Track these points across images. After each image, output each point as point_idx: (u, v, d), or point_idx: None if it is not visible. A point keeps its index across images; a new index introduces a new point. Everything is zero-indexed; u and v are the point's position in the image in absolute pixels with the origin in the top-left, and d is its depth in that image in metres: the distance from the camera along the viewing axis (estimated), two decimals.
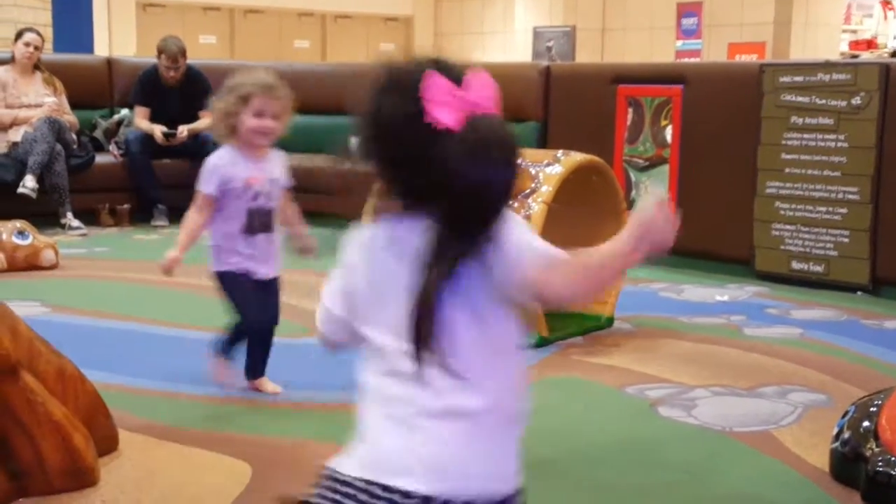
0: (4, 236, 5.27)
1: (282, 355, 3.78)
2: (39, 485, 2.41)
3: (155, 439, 2.80)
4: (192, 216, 3.23)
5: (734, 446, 2.87)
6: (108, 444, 2.67)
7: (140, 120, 7.14)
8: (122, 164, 7.05)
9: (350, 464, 1.40)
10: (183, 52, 7.23)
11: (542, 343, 3.90)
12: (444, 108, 1.35)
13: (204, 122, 7.22)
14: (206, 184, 3.18)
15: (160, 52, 7.22)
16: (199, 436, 2.84)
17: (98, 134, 7.24)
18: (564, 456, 2.79)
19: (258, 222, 3.22)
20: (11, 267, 5.20)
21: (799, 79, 5.12)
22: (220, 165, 3.15)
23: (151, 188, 7.03)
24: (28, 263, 5.26)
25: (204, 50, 12.60)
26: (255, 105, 3.09)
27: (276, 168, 3.31)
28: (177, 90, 7.23)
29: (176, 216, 7.00)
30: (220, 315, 4.33)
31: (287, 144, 7.70)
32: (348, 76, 7.71)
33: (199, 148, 7.06)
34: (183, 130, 7.07)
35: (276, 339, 3.95)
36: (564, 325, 4.10)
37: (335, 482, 1.40)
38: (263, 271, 3.27)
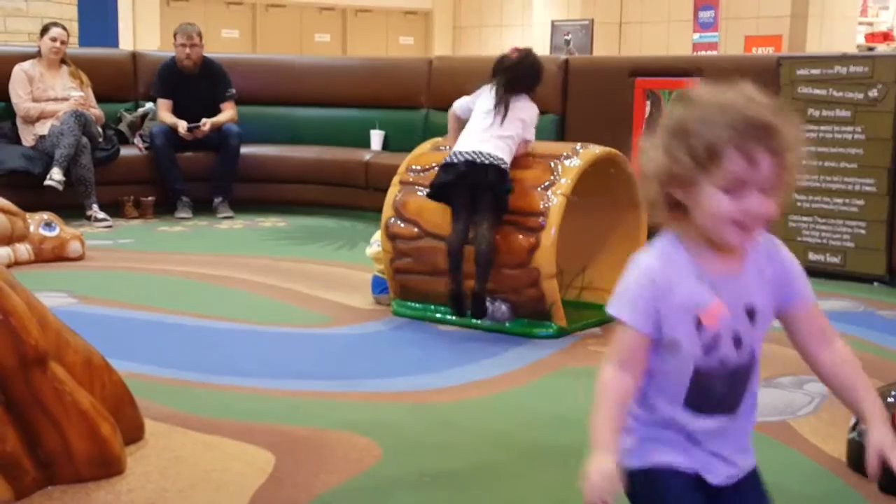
0: (32, 228, 5.34)
1: (306, 345, 3.83)
2: (67, 473, 2.46)
3: (180, 428, 2.85)
4: (611, 377, 1.71)
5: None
6: (134, 433, 2.72)
7: (164, 113, 7.21)
8: (146, 157, 7.11)
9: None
10: (199, 33, 7.30)
11: (561, 334, 3.94)
12: None
13: (226, 114, 7.29)
14: (632, 309, 1.62)
15: (175, 34, 7.31)
16: (223, 425, 2.89)
17: (123, 127, 7.31)
18: (584, 444, 2.80)
19: (718, 391, 1.70)
20: (39, 258, 5.28)
21: (816, 71, 5.13)
22: (654, 272, 1.60)
23: (176, 181, 7.10)
24: (55, 255, 5.33)
25: (226, 44, 12.67)
26: (730, 168, 1.51)
27: (757, 284, 1.63)
28: (196, 80, 7.29)
29: (199, 209, 7.09)
30: (242, 306, 4.40)
31: (306, 137, 7.79)
32: (369, 70, 7.76)
33: (223, 141, 7.14)
34: (206, 123, 7.13)
35: (302, 330, 4.02)
36: (584, 317, 4.14)
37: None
38: (723, 472, 1.70)
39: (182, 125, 7.08)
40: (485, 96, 4.12)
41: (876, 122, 4.93)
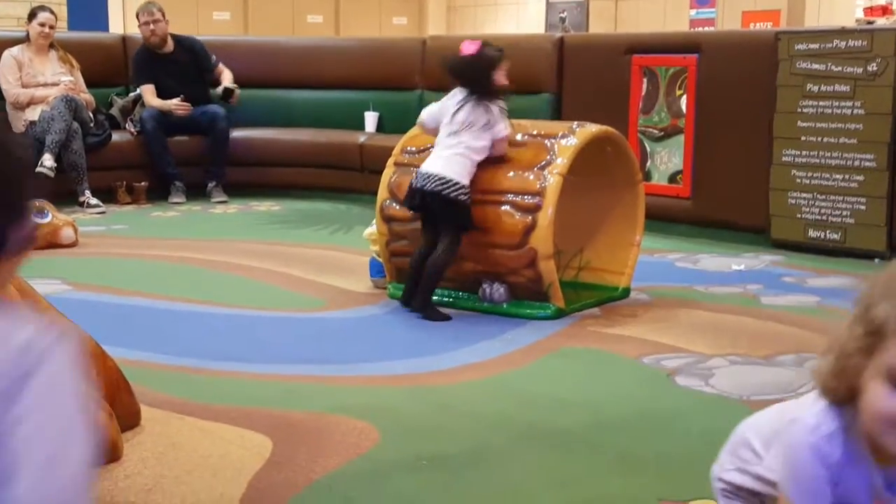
0: None
1: (302, 329, 3.81)
2: None
3: (176, 414, 2.83)
4: None
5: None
6: (130, 419, 2.70)
7: (151, 98, 7.16)
8: (138, 142, 7.07)
9: None
10: (160, 9, 7.27)
11: (559, 314, 3.91)
12: None
13: (227, 75, 7.30)
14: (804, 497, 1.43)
15: (137, 14, 7.31)
16: (220, 410, 2.87)
17: (115, 112, 7.27)
18: (582, 426, 2.80)
19: None
20: None
21: (815, 46, 5.09)
22: (827, 457, 1.40)
23: (168, 165, 7.05)
24: (48, 242, 5.29)
25: (218, 26, 12.60)
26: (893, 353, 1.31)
27: None
28: (173, 60, 7.27)
29: (192, 193, 7.05)
30: (237, 291, 4.37)
31: (300, 120, 7.74)
32: (362, 51, 7.71)
33: (211, 124, 7.09)
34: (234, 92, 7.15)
35: (298, 314, 3.99)
36: (582, 297, 4.11)
37: None
38: None
39: (172, 103, 7.05)
40: (449, 102, 4.02)
41: (875, 96, 4.90)
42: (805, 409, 1.43)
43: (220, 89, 7.23)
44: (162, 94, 7.19)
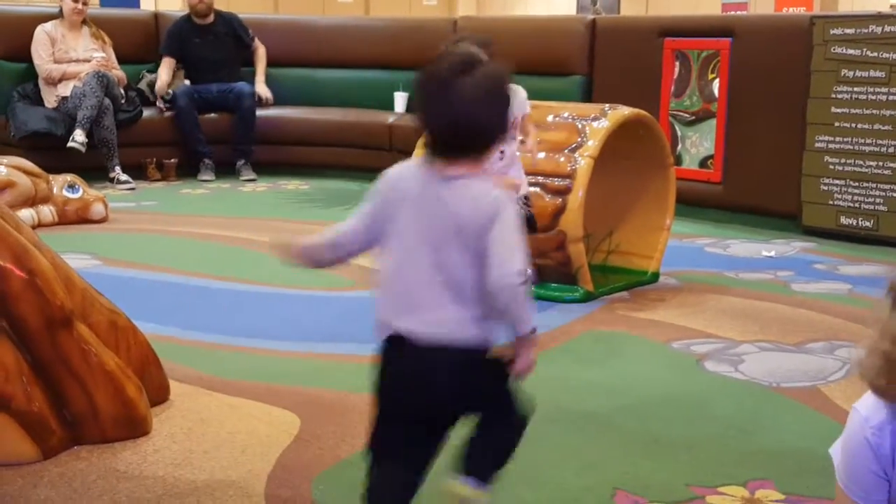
0: (55, 190, 5.34)
1: (331, 308, 3.81)
2: (93, 433, 2.46)
3: (205, 390, 2.84)
4: None
5: (782, 401, 2.86)
6: (159, 394, 2.72)
7: (165, 70, 7.20)
8: (169, 119, 7.09)
9: None
10: None
11: (588, 298, 3.90)
12: None
13: (261, 65, 7.35)
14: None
15: None
16: (248, 387, 2.88)
17: (143, 85, 7.26)
18: (612, 409, 2.80)
19: None
20: (62, 220, 5.27)
21: (850, 31, 5.03)
22: (878, 448, 1.45)
23: (199, 143, 7.07)
24: (78, 217, 5.33)
25: (249, 5, 12.60)
26: None
27: None
28: (210, 30, 7.29)
29: (221, 171, 7.07)
30: (266, 269, 4.38)
31: (329, 99, 7.74)
32: (393, 31, 7.69)
33: (237, 102, 7.11)
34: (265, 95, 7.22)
35: (327, 293, 3.99)
36: (610, 281, 4.10)
37: None
38: None
39: (159, 101, 7.09)
40: None
41: None
42: (862, 399, 1.45)
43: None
44: (196, 65, 7.24)
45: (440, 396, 1.81)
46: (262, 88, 7.35)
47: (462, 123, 1.79)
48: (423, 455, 1.88)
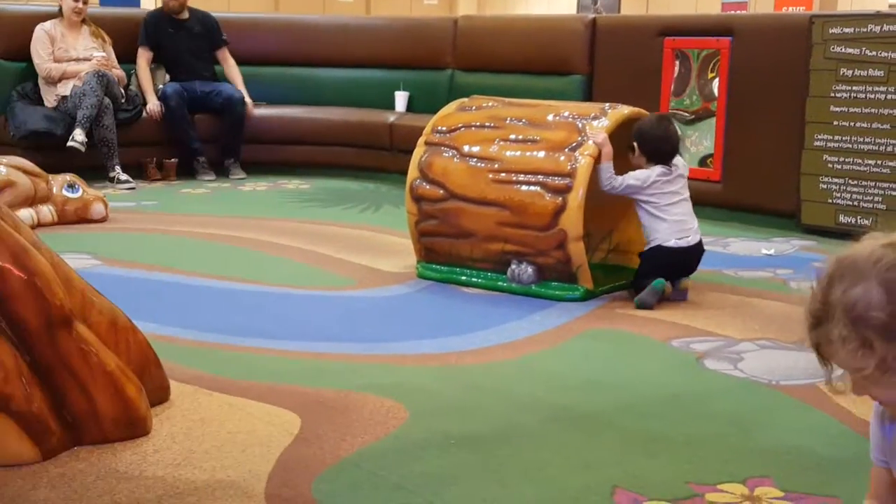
0: (55, 189, 5.34)
1: (331, 308, 3.82)
2: (93, 434, 2.45)
3: (205, 390, 2.84)
4: None
5: (781, 399, 2.87)
6: (159, 394, 2.72)
7: (142, 63, 7.17)
8: (163, 116, 7.08)
9: None
10: None
11: (587, 296, 3.90)
12: None
13: (233, 69, 7.35)
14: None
15: None
16: (248, 387, 2.88)
17: (133, 87, 7.22)
18: (612, 408, 2.80)
19: None
20: (62, 220, 5.27)
21: (849, 30, 5.03)
22: (877, 407, 1.61)
23: (192, 140, 7.07)
24: (78, 216, 5.33)
25: (249, 4, 12.62)
26: None
27: None
28: (187, 28, 7.29)
29: (220, 171, 7.07)
30: (266, 268, 4.39)
31: (330, 98, 7.75)
32: (394, 30, 7.70)
33: (227, 108, 7.10)
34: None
35: (327, 293, 4.00)
36: (610, 279, 4.10)
37: None
38: None
39: (153, 104, 7.05)
40: None
41: None
42: None
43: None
44: (173, 58, 7.24)
45: None
46: (249, 100, 7.30)
47: None
48: None
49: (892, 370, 1.39)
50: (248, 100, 7.26)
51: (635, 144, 3.94)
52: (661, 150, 3.94)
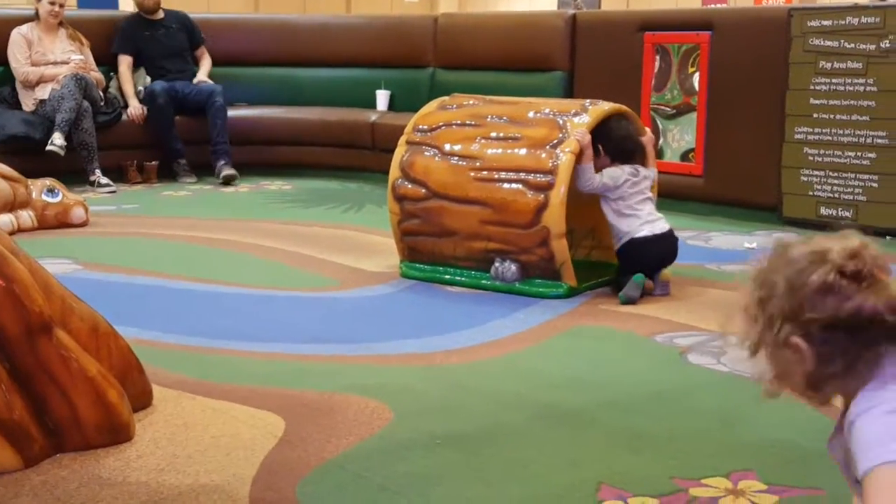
0: (34, 194, 5.30)
1: (314, 309, 3.81)
2: (76, 440, 2.44)
3: (188, 394, 2.83)
4: None
5: None
6: (142, 399, 2.70)
7: (125, 71, 7.14)
8: (146, 118, 7.03)
9: None
10: None
11: (571, 293, 3.90)
12: None
13: (206, 64, 7.32)
14: None
15: None
16: (231, 390, 2.86)
17: (113, 90, 7.17)
18: (597, 404, 2.80)
19: None
20: (42, 225, 5.24)
21: (827, 23, 5.05)
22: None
23: (174, 140, 7.02)
24: (58, 221, 5.29)
25: (229, 4, 12.58)
26: None
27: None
28: (161, 26, 7.27)
29: (201, 173, 7.04)
30: (249, 270, 4.37)
31: (311, 98, 7.72)
32: (374, 29, 7.68)
33: (206, 101, 7.06)
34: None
35: (311, 294, 3.99)
36: (593, 276, 4.10)
37: None
38: None
39: (134, 107, 7.02)
40: None
41: (888, 73, 4.86)
42: None
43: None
44: (153, 60, 7.21)
45: None
46: (202, 76, 7.29)
47: None
48: None
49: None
50: (201, 76, 7.27)
51: (600, 147, 3.97)
52: (624, 148, 3.99)
